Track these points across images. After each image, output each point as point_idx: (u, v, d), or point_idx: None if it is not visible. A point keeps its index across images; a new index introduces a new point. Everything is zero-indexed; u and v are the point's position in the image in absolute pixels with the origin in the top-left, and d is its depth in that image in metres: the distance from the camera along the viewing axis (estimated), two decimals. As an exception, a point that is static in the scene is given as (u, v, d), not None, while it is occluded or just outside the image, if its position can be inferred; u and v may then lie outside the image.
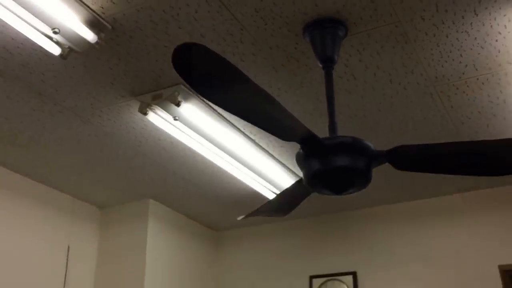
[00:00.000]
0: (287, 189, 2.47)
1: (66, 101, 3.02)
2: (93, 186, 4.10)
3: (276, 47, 2.54)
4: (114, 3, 2.31)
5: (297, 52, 2.57)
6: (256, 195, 4.06)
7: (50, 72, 2.77)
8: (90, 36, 2.42)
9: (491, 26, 2.37)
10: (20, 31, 2.36)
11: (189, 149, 3.48)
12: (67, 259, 4.12)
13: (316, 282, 4.41)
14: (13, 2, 2.23)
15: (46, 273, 3.97)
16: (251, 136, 3.34)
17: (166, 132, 3.26)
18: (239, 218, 2.85)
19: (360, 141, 2.08)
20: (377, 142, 3.36)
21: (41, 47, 2.52)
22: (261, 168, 3.62)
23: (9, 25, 2.37)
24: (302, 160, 2.13)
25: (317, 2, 2.26)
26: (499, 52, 2.54)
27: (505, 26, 2.37)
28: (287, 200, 2.56)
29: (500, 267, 3.67)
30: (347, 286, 4.28)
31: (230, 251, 4.96)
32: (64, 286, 4.05)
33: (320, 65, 2.38)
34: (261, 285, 4.68)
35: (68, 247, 4.16)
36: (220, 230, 5.06)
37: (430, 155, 2.10)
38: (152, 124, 3.19)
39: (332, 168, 2.05)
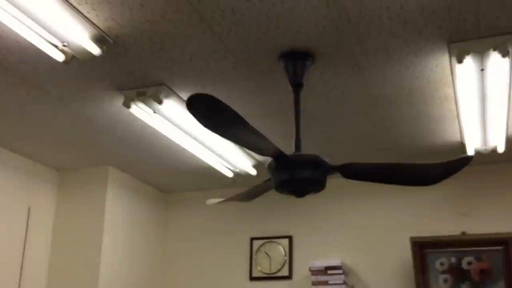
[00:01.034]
0: (257, 185, 3.04)
1: (53, 88, 3.34)
2: (57, 152, 4.44)
3: (253, 66, 3.04)
4: (121, 25, 2.69)
5: (269, 70, 3.07)
6: (209, 168, 4.59)
7: (44, 68, 3.08)
8: (96, 50, 2.77)
9: (426, 65, 2.98)
10: (29, 40, 2.67)
11: (157, 132, 3.91)
12: (27, 220, 4.43)
13: (256, 243, 4.99)
14: (28, 18, 2.55)
15: (7, 233, 4.26)
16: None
17: (139, 119, 3.67)
18: (209, 202, 3.40)
19: (319, 158, 2.67)
20: (326, 133, 3.98)
21: (43, 51, 2.84)
22: (217, 148, 4.15)
23: (16, 32, 2.65)
24: (273, 170, 2.71)
25: (294, 39, 2.76)
26: (429, 83, 3.17)
27: (436, 66, 2.99)
28: (254, 192, 3.15)
29: (411, 238, 4.37)
30: (283, 247, 4.91)
31: (179, 213, 5.41)
32: (24, 246, 4.38)
33: (291, 88, 2.92)
34: (206, 244, 5.20)
35: (29, 208, 4.47)
36: (170, 193, 5.51)
37: (370, 171, 2.76)
38: (129, 111, 3.58)
39: (296, 179, 2.65)
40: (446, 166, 2.73)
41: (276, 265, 4.89)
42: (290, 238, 4.94)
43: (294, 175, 2.67)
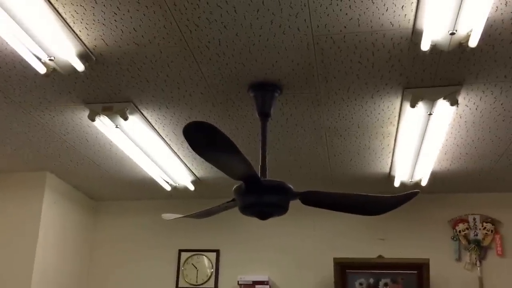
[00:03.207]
0: (218, 206, 3.20)
1: (19, 96, 3.36)
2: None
3: (222, 92, 3.24)
4: (107, 45, 2.81)
5: (235, 97, 3.29)
6: (150, 180, 4.75)
7: (17, 76, 3.11)
8: (80, 67, 2.87)
9: (379, 105, 3.33)
10: (18, 50, 2.73)
11: (110, 143, 3.99)
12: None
13: (184, 255, 5.16)
14: (21, 29, 2.62)
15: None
16: (170, 143, 3.99)
17: (92, 130, 3.77)
18: (165, 216, 3.53)
19: (285, 185, 2.87)
20: (272, 156, 4.22)
21: (22, 59, 2.90)
22: (161, 162, 4.29)
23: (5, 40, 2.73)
24: (241, 192, 2.83)
25: (266, 71, 2.99)
26: (377, 120, 3.53)
27: (388, 106, 3.34)
28: (213, 211, 3.32)
29: (334, 259, 4.70)
30: (210, 260, 5.10)
31: (108, 220, 5.48)
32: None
33: (256, 117, 3.15)
34: (135, 254, 5.29)
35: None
36: (101, 201, 5.55)
37: (328, 199, 2.99)
38: (88, 122, 3.65)
39: (264, 202, 2.84)
40: (396, 199, 2.96)
41: (202, 276, 5.08)
42: (217, 252, 5.14)
43: (263, 198, 2.82)
